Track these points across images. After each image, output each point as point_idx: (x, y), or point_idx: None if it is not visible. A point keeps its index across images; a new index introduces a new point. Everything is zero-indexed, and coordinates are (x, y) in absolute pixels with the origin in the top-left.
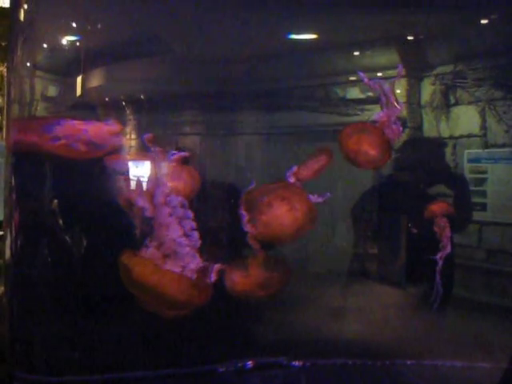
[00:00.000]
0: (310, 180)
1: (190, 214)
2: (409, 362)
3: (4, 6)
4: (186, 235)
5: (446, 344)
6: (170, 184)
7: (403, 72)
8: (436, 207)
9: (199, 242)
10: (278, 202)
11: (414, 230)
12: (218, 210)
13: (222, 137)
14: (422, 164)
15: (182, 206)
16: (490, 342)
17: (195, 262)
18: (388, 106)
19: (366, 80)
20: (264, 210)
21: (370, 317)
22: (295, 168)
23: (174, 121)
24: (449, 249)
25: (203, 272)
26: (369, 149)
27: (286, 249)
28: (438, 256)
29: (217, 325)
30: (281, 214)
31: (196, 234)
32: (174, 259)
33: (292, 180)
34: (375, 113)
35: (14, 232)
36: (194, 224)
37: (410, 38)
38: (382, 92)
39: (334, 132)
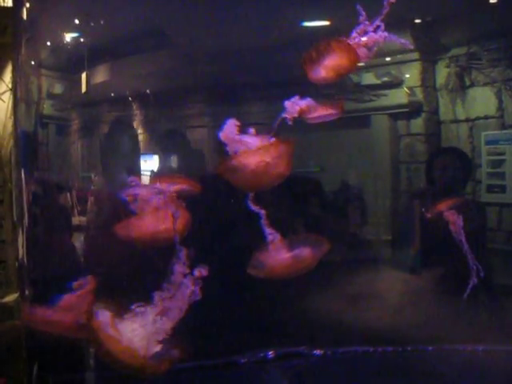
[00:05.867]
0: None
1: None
2: (430, 348)
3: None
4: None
5: (466, 328)
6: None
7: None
8: (442, 205)
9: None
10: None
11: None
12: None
13: None
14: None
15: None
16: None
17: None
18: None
19: None
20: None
21: (390, 303)
22: (302, 102)
23: (180, 114)
24: (463, 238)
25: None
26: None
27: None
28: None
29: (237, 316)
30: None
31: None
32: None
33: (293, 109)
34: None
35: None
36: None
37: (422, 20)
38: None
39: (348, 119)
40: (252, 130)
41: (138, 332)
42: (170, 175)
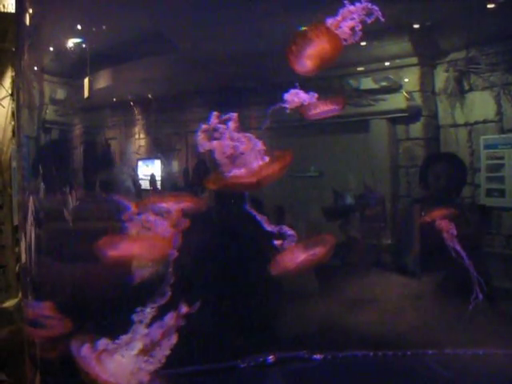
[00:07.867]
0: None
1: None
2: (430, 352)
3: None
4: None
5: (466, 332)
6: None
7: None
8: (435, 213)
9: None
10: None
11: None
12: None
13: None
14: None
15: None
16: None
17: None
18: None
19: None
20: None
21: (390, 307)
22: (303, 94)
23: (182, 119)
24: (457, 246)
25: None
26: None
27: None
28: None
29: (236, 320)
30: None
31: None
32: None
33: (293, 101)
34: None
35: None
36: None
37: (421, 25)
38: None
39: (347, 123)
40: (234, 115)
41: (120, 365)
42: (175, 194)
